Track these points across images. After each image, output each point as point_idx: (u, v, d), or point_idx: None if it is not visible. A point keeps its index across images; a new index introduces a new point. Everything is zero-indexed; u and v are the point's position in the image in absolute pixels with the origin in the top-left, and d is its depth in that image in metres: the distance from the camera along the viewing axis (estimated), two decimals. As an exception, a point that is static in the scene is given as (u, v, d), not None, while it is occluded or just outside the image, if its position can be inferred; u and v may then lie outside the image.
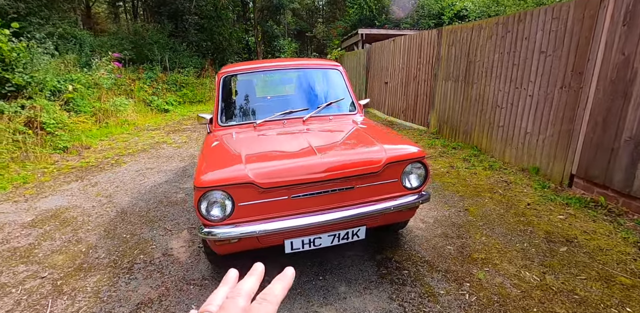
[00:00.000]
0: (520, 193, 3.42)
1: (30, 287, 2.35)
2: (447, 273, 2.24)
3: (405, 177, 2.12)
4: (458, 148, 5.07)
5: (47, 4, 10.15)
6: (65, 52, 9.26)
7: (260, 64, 2.94)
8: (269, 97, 3.16)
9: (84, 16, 17.70)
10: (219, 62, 15.28)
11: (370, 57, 9.20)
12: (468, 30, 4.73)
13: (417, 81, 6.50)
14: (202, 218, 1.87)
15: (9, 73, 5.94)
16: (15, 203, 3.86)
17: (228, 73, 2.84)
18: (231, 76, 2.87)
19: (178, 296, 2.18)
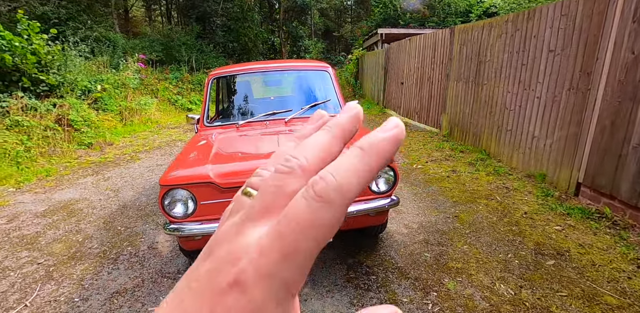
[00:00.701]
0: (519, 201, 3.23)
1: (26, 272, 2.55)
2: (416, 281, 2.16)
3: (373, 181, 2.07)
4: (466, 151, 4.87)
5: (85, 10, 10.91)
6: (100, 54, 9.91)
7: (249, 66, 2.99)
8: (256, 99, 3.20)
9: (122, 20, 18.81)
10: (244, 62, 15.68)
11: (388, 57, 9.05)
12: (479, 29, 4.52)
13: (431, 82, 6.31)
14: (165, 215, 1.94)
15: (44, 74, 6.45)
16: (35, 194, 4.19)
17: (217, 75, 2.92)
18: (220, 78, 2.95)
19: (150, 288, 2.27)
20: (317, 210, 0.16)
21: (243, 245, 0.17)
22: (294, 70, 3.01)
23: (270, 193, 0.19)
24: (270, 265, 0.16)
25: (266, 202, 0.18)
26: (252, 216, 0.19)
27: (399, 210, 3.16)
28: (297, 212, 0.17)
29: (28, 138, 5.65)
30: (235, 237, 0.18)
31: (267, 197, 0.19)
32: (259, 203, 0.19)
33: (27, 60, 6.07)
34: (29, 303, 2.19)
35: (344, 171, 0.17)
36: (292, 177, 0.19)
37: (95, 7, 11.58)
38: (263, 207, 0.18)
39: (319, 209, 0.16)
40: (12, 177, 4.69)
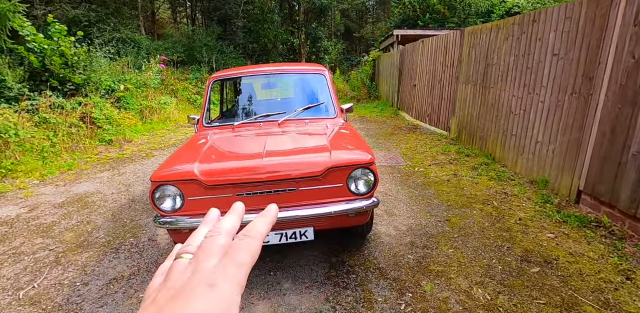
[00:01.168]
0: (516, 207, 3.17)
1: (38, 256, 2.77)
2: (394, 281, 2.20)
3: (352, 182, 2.13)
4: (472, 155, 4.80)
5: (113, 13, 11.47)
6: (125, 55, 10.40)
7: (248, 69, 3.11)
8: (253, 101, 3.31)
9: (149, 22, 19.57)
10: (263, 62, 15.94)
11: (403, 58, 8.99)
12: (487, 31, 4.45)
13: (442, 84, 6.24)
14: (155, 208, 2.07)
15: (71, 74, 6.87)
16: (55, 187, 4.50)
17: (217, 78, 3.06)
18: (220, 80, 3.08)
19: (144, 276, 2.42)
20: (248, 242, 0.31)
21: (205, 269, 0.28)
22: (290, 73, 3.10)
23: (210, 246, 0.30)
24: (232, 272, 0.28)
25: (209, 251, 0.30)
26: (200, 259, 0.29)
27: (391, 212, 3.19)
28: (239, 244, 0.30)
29: (54, 134, 6.04)
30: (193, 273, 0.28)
31: (207, 249, 0.30)
32: (204, 253, 0.30)
33: (54, 61, 6.48)
34: (37, 285, 2.40)
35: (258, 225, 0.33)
36: (221, 237, 0.31)
37: (123, 10, 12.15)
38: (208, 254, 0.29)
39: (250, 242, 0.31)
40: (37, 170, 5.04)
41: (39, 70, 6.56)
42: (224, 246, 0.30)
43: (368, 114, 9.46)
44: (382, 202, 3.41)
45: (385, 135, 6.52)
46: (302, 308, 2.00)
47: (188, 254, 0.31)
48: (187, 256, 0.31)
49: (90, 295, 2.25)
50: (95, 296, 2.24)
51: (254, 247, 0.31)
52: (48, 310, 2.13)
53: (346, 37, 30.64)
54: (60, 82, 6.80)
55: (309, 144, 2.38)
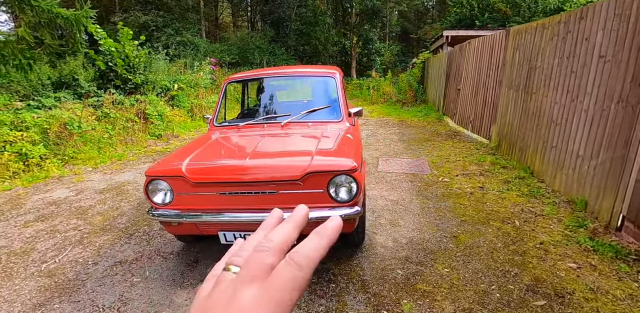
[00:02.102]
0: (541, 228, 2.81)
1: (68, 235, 3.13)
2: (373, 296, 2.08)
3: (334, 189, 2.06)
4: (508, 168, 4.36)
5: (178, 18, 12.55)
6: (184, 57, 11.32)
7: (262, 72, 3.18)
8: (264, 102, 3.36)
9: (212, 26, 21.03)
10: (313, 64, 16.20)
11: (450, 61, 8.49)
12: (532, 31, 4.01)
13: (486, 89, 5.77)
14: (149, 201, 2.22)
15: (131, 74, 7.65)
16: (103, 174, 5.04)
17: (232, 80, 3.18)
18: (234, 82, 3.19)
19: (145, 262, 2.61)
20: (294, 272, 0.26)
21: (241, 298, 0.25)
22: (301, 76, 3.11)
23: (255, 265, 0.27)
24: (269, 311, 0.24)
25: (252, 271, 0.27)
26: (243, 281, 0.26)
27: (396, 222, 3.02)
28: (281, 274, 0.26)
29: (112, 127, 6.78)
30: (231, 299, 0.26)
31: (252, 267, 0.27)
32: (246, 272, 0.27)
33: (118, 63, 7.27)
34: (58, 260, 2.71)
35: (308, 248, 0.28)
36: (269, 254, 0.28)
37: (187, 15, 13.23)
38: (250, 275, 0.27)
39: (296, 271, 0.26)
40: (93, 159, 5.70)
41: (106, 71, 7.42)
42: (270, 266, 0.27)
43: (410, 118, 9.10)
44: (390, 211, 3.26)
45: (419, 141, 6.22)
46: (271, 312, 1.99)
47: (235, 267, 0.29)
48: (234, 270, 0.29)
49: (95, 274, 2.48)
50: (98, 276, 2.46)
51: (299, 280, 0.26)
52: (58, 283, 2.40)
53: (403, 38, 29.87)
54: (123, 81, 7.60)
55: (296, 147, 2.36)
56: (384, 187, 3.90)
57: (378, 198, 3.58)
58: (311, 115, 2.89)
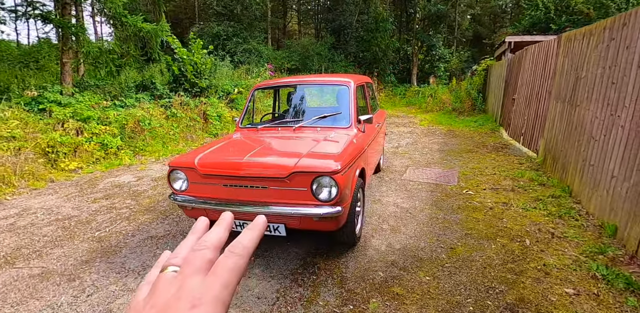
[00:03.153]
0: (553, 250, 2.61)
1: (121, 212, 3.78)
2: (347, 291, 2.20)
3: (317, 189, 2.24)
4: (546, 185, 4.03)
5: (246, 28, 13.71)
6: (248, 63, 12.34)
7: (285, 80, 3.49)
8: (281, 107, 3.64)
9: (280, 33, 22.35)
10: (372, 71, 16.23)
11: (510, 69, 7.95)
12: (580, 37, 3.68)
13: (538, 99, 5.35)
14: (170, 187, 2.65)
15: (198, 79, 8.65)
16: (162, 165, 5.85)
17: (259, 86, 3.54)
18: (259, 89, 3.56)
19: (170, 240, 3.07)
20: (236, 260, 0.31)
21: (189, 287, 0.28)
22: (318, 84, 3.34)
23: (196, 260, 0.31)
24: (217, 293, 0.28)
25: (194, 266, 0.30)
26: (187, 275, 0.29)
27: (397, 229, 3.06)
28: (224, 263, 0.30)
29: (177, 125, 7.75)
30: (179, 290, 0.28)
31: (194, 263, 0.30)
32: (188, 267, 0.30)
33: (188, 69, 8.29)
34: (108, 230, 3.32)
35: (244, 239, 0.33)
36: (208, 251, 0.32)
37: (255, 25, 14.35)
38: (193, 269, 0.30)
39: (237, 259, 0.31)
40: (157, 152, 6.61)
41: (179, 76, 8.51)
42: (210, 261, 0.30)
43: (461, 128, 8.70)
44: (397, 218, 3.29)
45: (460, 152, 5.97)
46: (254, 291, 2.25)
47: (174, 267, 0.31)
48: (173, 269, 0.31)
49: (130, 244, 3.00)
50: (132, 245, 2.98)
51: (240, 266, 0.30)
52: (103, 247, 2.96)
53: (474, 43, 28.21)
54: (191, 85, 8.63)
55: (292, 149, 2.59)
56: (401, 195, 3.91)
57: (390, 205, 3.63)
58: (322, 120, 3.10)
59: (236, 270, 0.30)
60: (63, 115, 5.70)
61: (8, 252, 2.88)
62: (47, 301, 2.23)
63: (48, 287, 2.39)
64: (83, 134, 5.78)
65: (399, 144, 6.79)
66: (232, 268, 0.29)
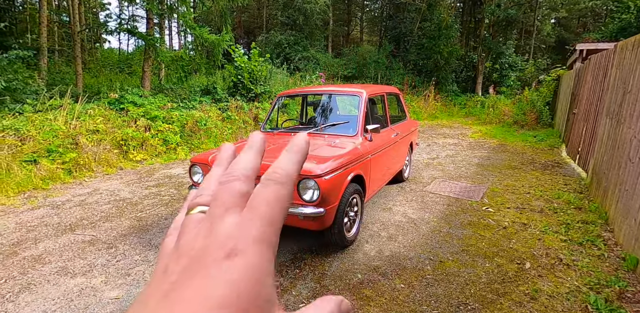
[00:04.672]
0: (554, 278, 2.44)
1: (163, 198, 4.41)
2: (320, 287, 2.37)
3: (302, 190, 2.45)
4: (583, 209, 3.66)
5: (307, 36, 14.40)
6: (305, 71, 12.96)
7: (304, 89, 3.77)
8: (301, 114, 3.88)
9: (344, 41, 22.85)
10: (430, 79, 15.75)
11: (578, 79, 7.20)
12: (630, 47, 3.31)
13: (595, 115, 4.83)
14: (191, 179, 3.09)
15: (254, 85, 9.41)
16: (210, 161, 6.55)
17: (282, 94, 3.88)
18: (282, 97, 3.89)
19: (190, 226, 3.53)
20: (277, 189, 0.23)
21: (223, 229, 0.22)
22: (332, 93, 3.54)
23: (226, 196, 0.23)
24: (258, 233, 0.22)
25: (225, 203, 0.23)
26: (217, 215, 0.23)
27: (394, 237, 3.10)
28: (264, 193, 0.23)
29: (231, 127, 8.55)
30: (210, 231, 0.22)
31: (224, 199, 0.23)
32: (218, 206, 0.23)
33: (245, 76, 9.09)
34: (148, 212, 3.92)
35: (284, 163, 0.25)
36: (239, 182, 0.24)
37: (315, 33, 15.00)
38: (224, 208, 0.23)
39: (279, 189, 0.24)
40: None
41: (236, 82, 9.37)
42: (245, 195, 0.24)
43: (515, 142, 8.07)
44: (398, 227, 3.33)
45: (499, 168, 5.62)
46: (240, 277, 2.54)
47: (201, 206, 0.25)
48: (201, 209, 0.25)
49: (161, 225, 3.54)
50: (162, 226, 3.51)
51: (284, 196, 0.24)
52: (140, 225, 3.53)
53: (558, 50, 25.51)
54: (247, 90, 9.43)
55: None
56: (414, 206, 3.90)
57: (398, 214, 3.66)
58: (331, 128, 3.31)
59: (280, 201, 0.24)
60: (136, 114, 6.75)
61: (73, 222, 3.61)
62: (88, 261, 2.80)
63: (92, 251, 2.98)
64: (150, 130, 6.77)
65: (437, 156, 6.61)
66: (273, 199, 0.23)
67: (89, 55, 12.99)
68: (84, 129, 5.86)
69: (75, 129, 5.75)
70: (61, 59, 11.83)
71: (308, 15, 13.72)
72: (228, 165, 0.27)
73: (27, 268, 2.66)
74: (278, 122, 4.20)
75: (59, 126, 5.55)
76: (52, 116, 5.68)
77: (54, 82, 7.90)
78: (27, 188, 4.54)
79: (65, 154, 5.30)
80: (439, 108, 14.14)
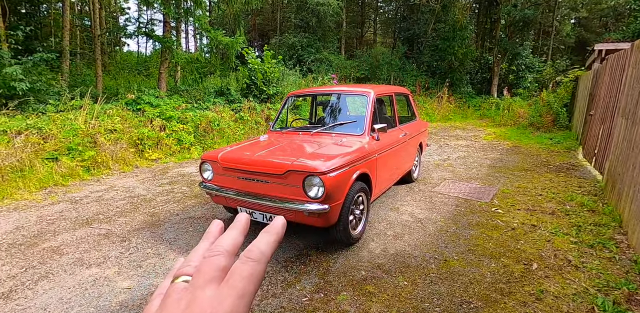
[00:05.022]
0: (560, 278, 2.41)
1: (175, 196, 4.53)
2: (325, 283, 2.41)
3: (307, 186, 2.50)
4: (597, 212, 3.58)
5: (320, 38, 14.49)
6: (317, 72, 13.05)
7: (313, 89, 3.82)
8: (310, 113, 3.92)
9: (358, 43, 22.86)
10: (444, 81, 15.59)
11: (596, 80, 7.02)
12: (646, 48, 3.23)
13: (611, 116, 4.71)
14: (201, 176, 3.18)
15: (266, 86, 9.54)
16: (222, 161, 6.68)
17: (291, 94, 3.95)
18: (292, 97, 3.96)
19: (202, 221, 3.63)
20: (252, 266, 0.28)
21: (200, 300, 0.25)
22: (340, 93, 3.58)
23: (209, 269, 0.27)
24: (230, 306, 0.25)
25: (207, 275, 0.27)
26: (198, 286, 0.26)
27: (400, 236, 3.11)
28: (239, 270, 0.27)
29: (243, 128, 8.69)
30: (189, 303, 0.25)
31: (207, 271, 0.27)
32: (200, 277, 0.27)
33: (258, 77, 9.23)
34: (160, 208, 4.04)
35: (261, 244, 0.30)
36: (221, 257, 0.28)
37: (328, 35, 15.08)
38: (205, 279, 0.27)
39: (253, 266, 0.28)
40: (222, 149, 7.53)
41: (250, 83, 9.52)
42: (224, 269, 0.27)
43: (530, 145, 7.91)
44: (405, 226, 3.33)
45: (512, 170, 5.53)
46: (246, 271, 2.60)
47: (185, 276, 0.29)
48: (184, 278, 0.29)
49: (172, 221, 3.65)
50: (173, 222, 3.62)
51: (257, 273, 0.27)
52: (153, 221, 3.65)
53: (578, 51, 24.82)
54: (260, 92, 9.57)
55: (299, 151, 2.88)
56: (422, 206, 3.89)
57: (405, 214, 3.66)
58: (338, 127, 3.35)
59: (253, 278, 0.26)
60: (152, 115, 6.95)
61: (90, 216, 3.76)
62: (103, 253, 2.92)
63: (107, 244, 3.10)
64: (165, 130, 6.95)
65: (447, 157, 6.55)
66: (248, 276, 0.26)
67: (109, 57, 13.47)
68: (103, 128, 6.08)
69: (94, 128, 5.97)
70: (82, 62, 12.30)
71: (321, 17, 13.82)
72: (214, 239, 0.32)
73: (46, 258, 2.80)
74: (288, 121, 4.26)
75: (78, 125, 5.78)
76: (72, 116, 5.92)
77: (75, 84, 8.21)
78: (48, 185, 4.75)
79: (85, 152, 5.52)
80: (453, 110, 13.98)
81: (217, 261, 0.28)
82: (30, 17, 10.20)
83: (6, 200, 4.18)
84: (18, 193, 4.36)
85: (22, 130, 5.16)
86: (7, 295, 2.32)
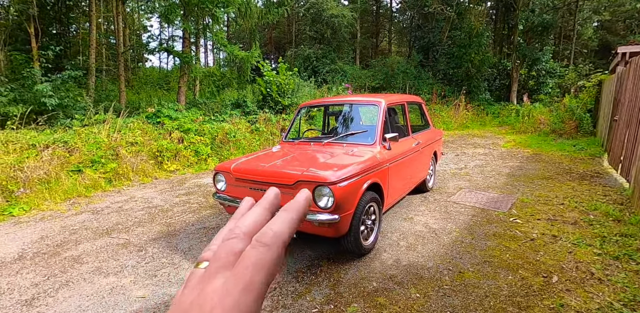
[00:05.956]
0: (582, 292, 2.29)
1: (192, 206, 4.63)
2: (335, 293, 2.38)
3: (317, 197, 2.51)
4: (623, 221, 3.40)
5: (335, 49, 14.70)
6: (332, 82, 13.19)
7: (325, 100, 3.87)
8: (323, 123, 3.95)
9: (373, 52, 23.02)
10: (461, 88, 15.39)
11: (620, 84, 6.77)
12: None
13: (638, 120, 4.52)
14: (215, 187, 3.26)
15: (281, 98, 9.71)
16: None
17: (303, 105, 4.01)
18: (304, 108, 4.01)
19: (216, 230, 3.68)
20: (261, 252, 0.24)
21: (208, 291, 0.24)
22: (352, 103, 3.61)
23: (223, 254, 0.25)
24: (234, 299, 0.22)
25: (220, 261, 0.25)
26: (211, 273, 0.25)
27: (414, 247, 3.05)
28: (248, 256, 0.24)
29: (259, 138, 8.84)
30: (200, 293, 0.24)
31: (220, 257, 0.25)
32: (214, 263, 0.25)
33: (273, 89, 9.43)
34: (176, 218, 4.14)
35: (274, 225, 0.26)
36: (238, 240, 0.26)
37: (343, 46, 15.27)
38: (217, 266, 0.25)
39: (263, 251, 0.24)
40: (238, 159, 7.66)
41: (265, 95, 9.73)
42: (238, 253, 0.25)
43: (552, 152, 7.65)
44: (419, 237, 3.27)
45: (532, 178, 5.35)
46: (257, 281, 2.61)
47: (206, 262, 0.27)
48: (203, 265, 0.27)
49: (188, 231, 3.72)
50: (188, 232, 3.69)
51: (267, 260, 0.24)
52: (169, 231, 3.74)
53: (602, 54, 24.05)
54: (275, 103, 9.75)
55: (310, 161, 2.90)
56: (437, 216, 3.81)
57: (419, 224, 3.59)
58: (350, 137, 3.36)
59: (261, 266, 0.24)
60: (171, 127, 7.20)
61: (110, 226, 3.89)
62: (120, 262, 3.01)
63: (124, 253, 3.19)
64: (183, 142, 7.17)
65: (465, 166, 6.42)
66: (254, 263, 0.24)
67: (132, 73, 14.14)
68: (124, 141, 6.33)
69: (116, 141, 6.23)
70: (107, 78, 12.95)
71: (336, 28, 14.06)
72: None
73: (67, 267, 2.91)
74: (300, 132, 4.31)
75: (102, 139, 6.04)
76: (96, 130, 6.21)
77: (100, 99, 8.64)
78: (72, 196, 4.96)
79: (107, 164, 5.75)
80: (471, 117, 13.73)
81: (233, 245, 0.25)
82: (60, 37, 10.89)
83: (33, 211, 4.40)
84: (44, 204, 4.58)
85: (50, 143, 5.45)
86: (30, 302, 2.42)
